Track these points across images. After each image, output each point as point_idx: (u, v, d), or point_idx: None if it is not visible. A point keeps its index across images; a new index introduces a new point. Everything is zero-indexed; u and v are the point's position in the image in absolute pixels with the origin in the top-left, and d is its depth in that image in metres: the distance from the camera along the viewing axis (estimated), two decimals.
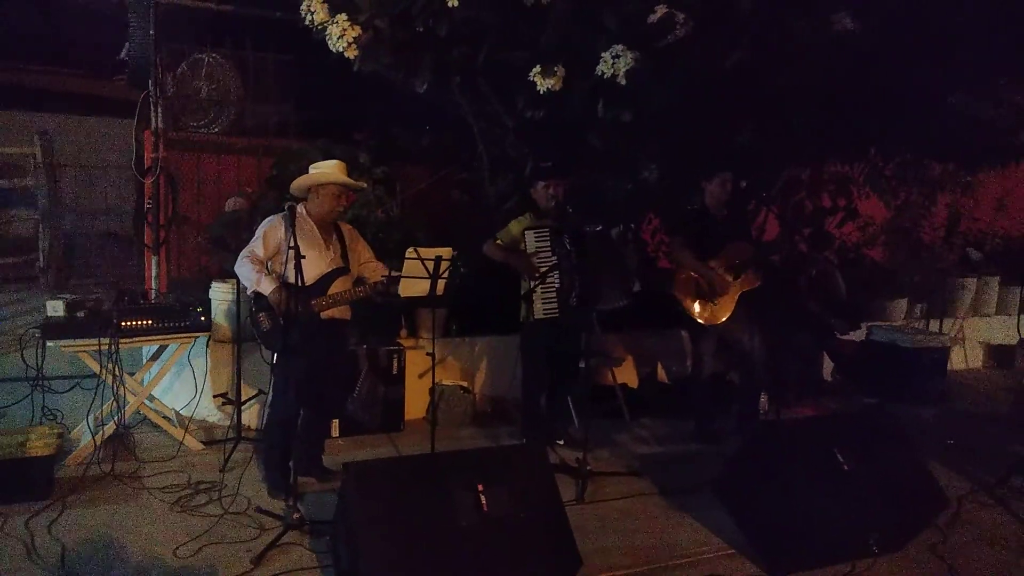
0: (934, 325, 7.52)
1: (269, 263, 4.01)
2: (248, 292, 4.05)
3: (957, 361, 7.54)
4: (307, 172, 4.13)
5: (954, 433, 5.43)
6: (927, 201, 7.83)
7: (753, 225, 6.11)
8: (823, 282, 6.32)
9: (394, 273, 4.12)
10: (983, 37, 4.83)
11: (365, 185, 4.10)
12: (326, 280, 4.05)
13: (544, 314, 4.65)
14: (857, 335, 6.74)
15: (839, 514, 3.48)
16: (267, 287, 3.89)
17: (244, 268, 3.97)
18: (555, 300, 4.65)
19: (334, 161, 4.16)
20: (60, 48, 9.99)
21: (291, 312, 3.84)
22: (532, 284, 4.57)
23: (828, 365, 6.73)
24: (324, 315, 4.05)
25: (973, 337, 7.85)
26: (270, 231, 4.00)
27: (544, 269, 4.54)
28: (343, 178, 4.11)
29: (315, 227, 4.08)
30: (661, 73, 4.63)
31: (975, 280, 7.93)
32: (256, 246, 4.00)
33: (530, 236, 4.70)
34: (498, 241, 4.82)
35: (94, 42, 8.77)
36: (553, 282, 4.62)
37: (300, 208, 4.07)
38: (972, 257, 8.22)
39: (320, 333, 4.03)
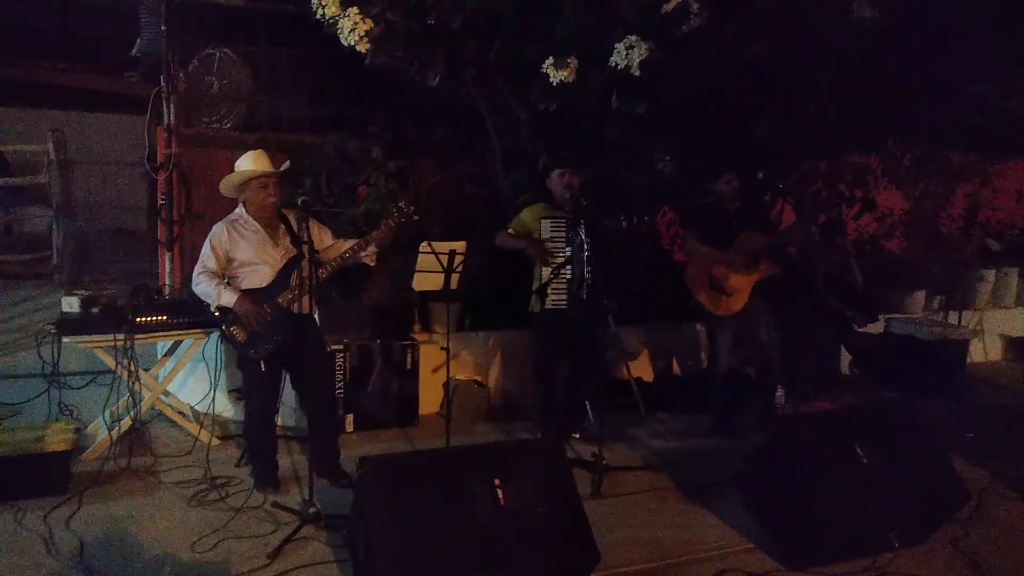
0: (953, 317, 7.43)
1: (227, 276, 3.98)
2: (211, 308, 3.99)
3: (976, 354, 7.43)
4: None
5: (974, 426, 5.37)
6: (946, 192, 7.72)
7: (770, 215, 6.05)
8: (840, 274, 6.25)
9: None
10: (1002, 26, 4.76)
11: (287, 165, 3.99)
12: (284, 274, 3.96)
13: (553, 304, 4.61)
14: (875, 328, 6.66)
15: (859, 508, 3.44)
16: (229, 299, 3.86)
17: (201, 286, 3.93)
18: (564, 291, 4.60)
19: (252, 152, 4.03)
20: (72, 45, 10.02)
21: (262, 316, 3.83)
22: (548, 275, 4.53)
23: (846, 358, 6.67)
24: (293, 310, 3.94)
25: (992, 329, 7.75)
26: (216, 242, 3.96)
27: (559, 261, 4.51)
28: (260, 168, 3.95)
29: (259, 225, 4.01)
30: (676, 64, 4.58)
31: (994, 272, 7.84)
32: (207, 260, 3.95)
33: (546, 225, 4.65)
34: (510, 231, 4.79)
35: (106, 38, 8.78)
36: (565, 273, 4.59)
37: (239, 210, 4.05)
38: (991, 248, 8.10)
39: (293, 331, 3.91)
